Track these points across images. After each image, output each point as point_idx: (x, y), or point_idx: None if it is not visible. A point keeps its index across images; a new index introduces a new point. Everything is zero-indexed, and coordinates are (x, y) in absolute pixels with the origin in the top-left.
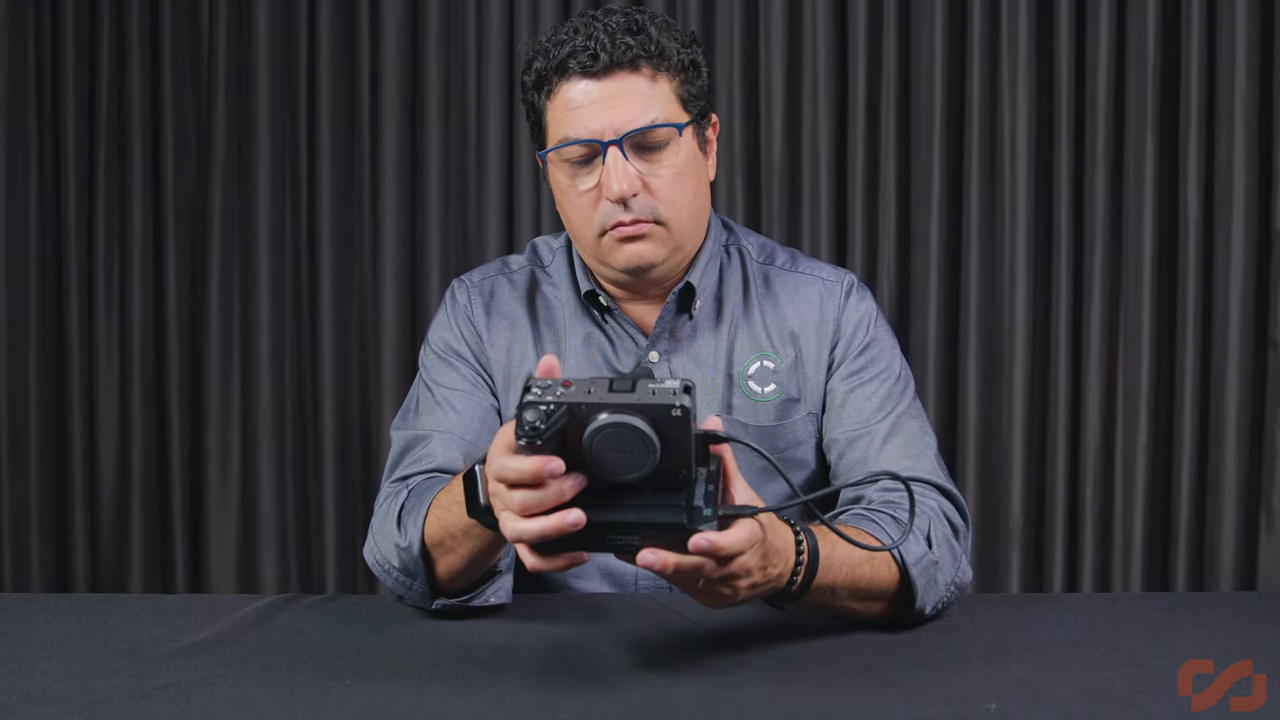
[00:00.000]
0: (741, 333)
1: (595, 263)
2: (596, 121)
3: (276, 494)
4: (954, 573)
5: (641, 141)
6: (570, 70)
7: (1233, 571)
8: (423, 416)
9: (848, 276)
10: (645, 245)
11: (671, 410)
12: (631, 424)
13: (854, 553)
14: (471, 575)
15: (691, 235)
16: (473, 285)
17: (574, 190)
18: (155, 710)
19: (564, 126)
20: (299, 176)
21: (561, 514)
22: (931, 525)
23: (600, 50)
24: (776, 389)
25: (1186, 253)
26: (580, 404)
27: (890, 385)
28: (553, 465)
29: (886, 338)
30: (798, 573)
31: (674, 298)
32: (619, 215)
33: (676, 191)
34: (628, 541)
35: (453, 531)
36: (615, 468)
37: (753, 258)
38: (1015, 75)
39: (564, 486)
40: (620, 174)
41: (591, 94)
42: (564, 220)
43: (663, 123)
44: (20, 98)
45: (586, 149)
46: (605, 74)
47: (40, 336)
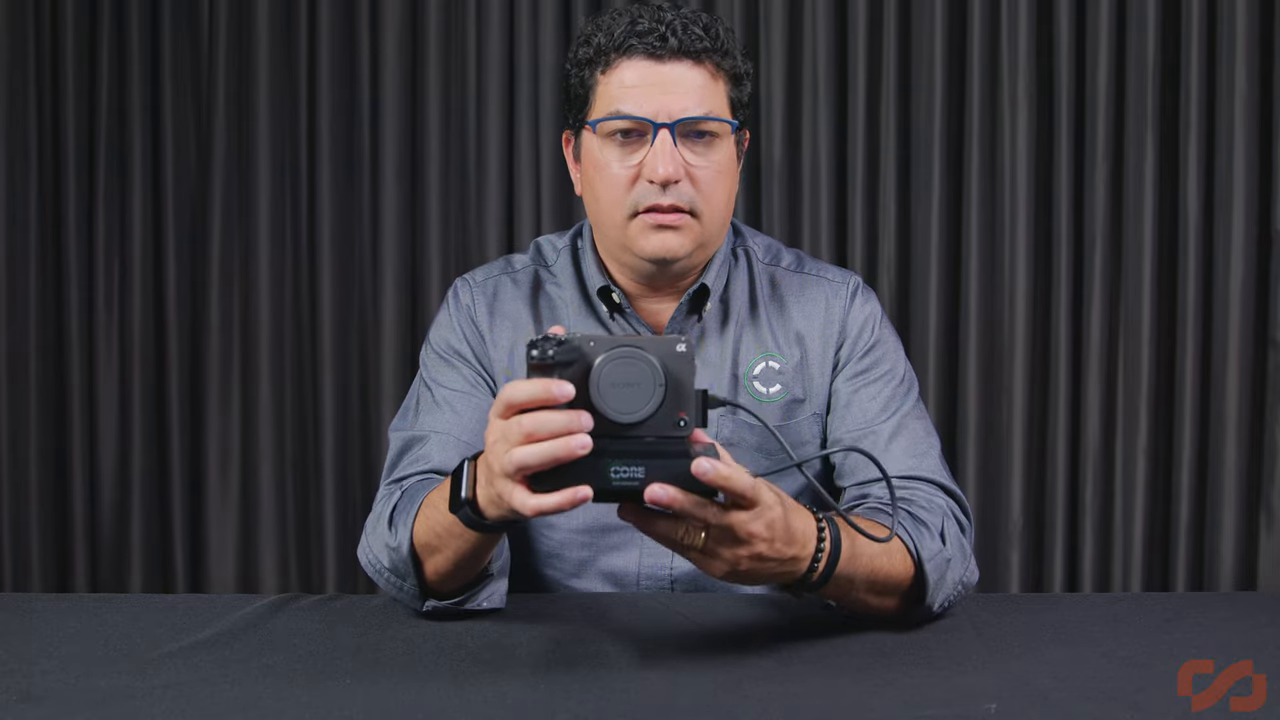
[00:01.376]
0: (747, 334)
1: (617, 248)
2: (652, 103)
3: (276, 494)
4: (963, 571)
5: (691, 131)
6: (634, 49)
7: (1233, 571)
8: (422, 417)
9: (853, 278)
10: (675, 236)
11: (676, 346)
12: (639, 353)
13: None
14: (461, 578)
15: (717, 235)
16: (476, 285)
17: (611, 166)
18: (155, 710)
19: (616, 101)
20: (299, 176)
21: (569, 437)
22: (945, 523)
23: (670, 34)
24: (782, 389)
25: (1186, 253)
26: (587, 339)
27: (894, 386)
28: (563, 387)
29: (891, 339)
30: (819, 559)
31: (688, 298)
32: (656, 198)
33: (715, 187)
34: (631, 475)
35: (439, 531)
36: (622, 403)
37: (759, 259)
38: (1015, 75)
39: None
40: (668, 157)
41: (651, 75)
42: (590, 200)
43: (715, 116)
44: (20, 98)
45: (633, 125)
46: (669, 59)
47: (40, 336)
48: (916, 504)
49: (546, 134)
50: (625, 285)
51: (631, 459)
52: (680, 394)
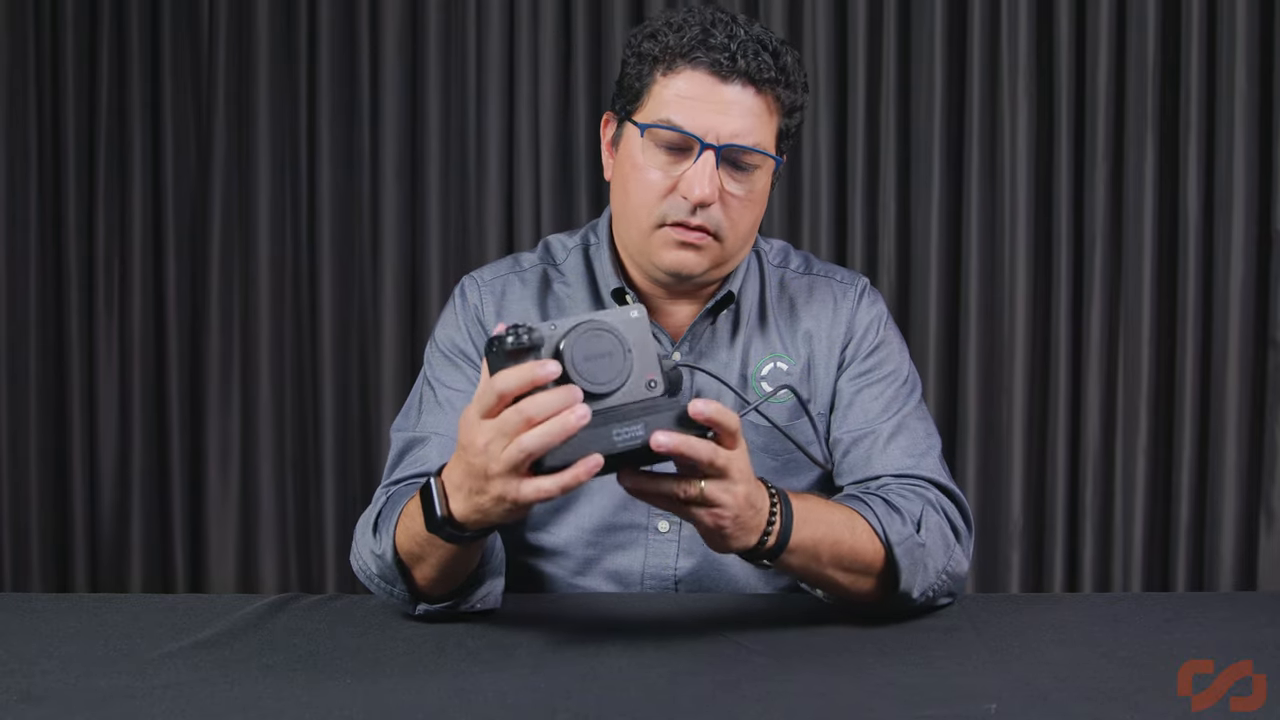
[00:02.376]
0: (756, 335)
1: (637, 252)
2: (705, 120)
3: (276, 494)
4: (945, 560)
5: (735, 158)
6: (700, 60)
7: (1233, 571)
8: (424, 417)
9: (861, 280)
10: (693, 255)
11: (630, 313)
12: (602, 324)
13: (832, 514)
14: (450, 582)
15: (737, 258)
16: (484, 283)
17: (649, 172)
18: (155, 710)
19: (669, 109)
20: (299, 176)
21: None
22: (924, 512)
23: (740, 57)
24: (787, 391)
25: (1186, 253)
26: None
27: (897, 387)
28: (549, 365)
29: (896, 340)
30: (773, 522)
31: (714, 304)
32: (685, 215)
33: (743, 215)
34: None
35: (420, 542)
36: (598, 374)
37: (769, 262)
38: (1015, 75)
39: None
40: (707, 180)
41: (710, 92)
42: (619, 197)
43: (763, 150)
44: (20, 98)
45: (681, 139)
46: (732, 80)
47: (40, 336)
48: (897, 494)
49: (546, 134)
50: (643, 285)
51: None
52: (645, 358)
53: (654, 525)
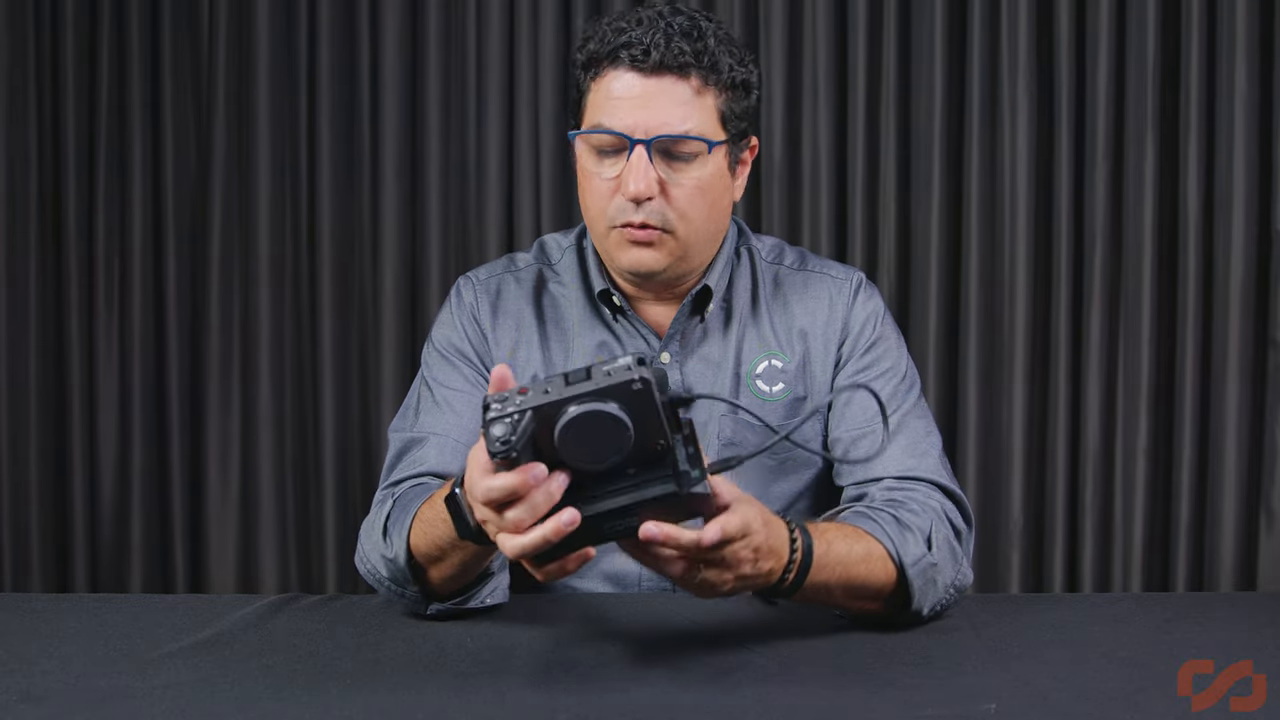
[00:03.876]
0: (750, 333)
1: (605, 258)
2: (631, 117)
3: (276, 494)
4: (954, 575)
5: (670, 148)
6: (620, 60)
7: (1233, 571)
8: (422, 417)
9: (856, 275)
10: (648, 253)
11: (632, 385)
12: (597, 409)
13: (850, 551)
14: (464, 580)
15: (702, 247)
16: (479, 283)
17: (595, 177)
18: (155, 710)
19: (600, 113)
20: (299, 176)
21: (556, 517)
22: (933, 527)
23: (654, 48)
24: (784, 388)
25: (1186, 253)
26: (543, 405)
27: (895, 384)
28: (535, 473)
29: (893, 336)
30: (790, 569)
31: (690, 300)
32: (630, 215)
33: (692, 204)
34: (627, 525)
35: (441, 545)
36: (594, 456)
37: (762, 258)
38: (1015, 75)
39: (551, 489)
40: (640, 174)
41: (634, 88)
42: (581, 206)
43: (695, 135)
44: (20, 97)
45: (615, 140)
46: (653, 73)
47: (40, 336)
48: (905, 507)
49: (546, 134)
50: (625, 289)
51: (627, 513)
52: (650, 425)
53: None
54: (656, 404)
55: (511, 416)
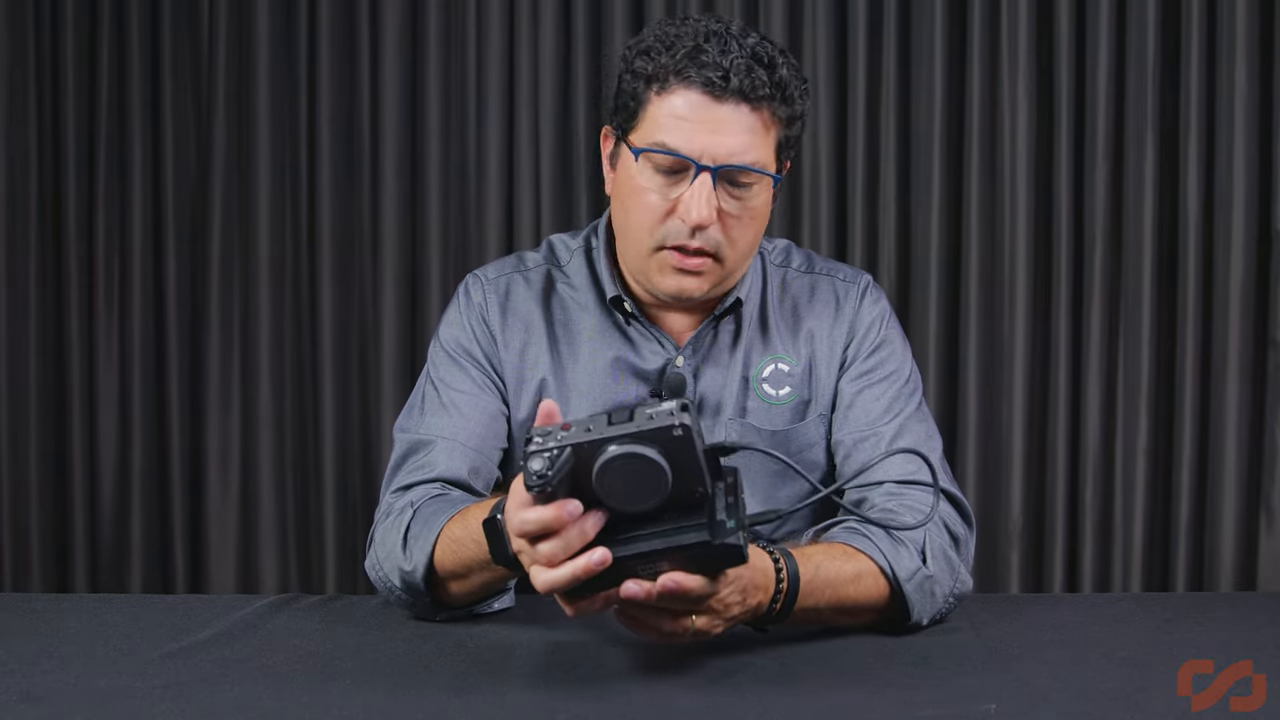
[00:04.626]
0: (757, 336)
1: (638, 272)
2: (698, 141)
3: (276, 494)
4: (951, 584)
5: (733, 178)
6: (693, 79)
7: (1233, 571)
8: (428, 418)
9: (864, 277)
10: (694, 280)
11: (672, 430)
12: (636, 452)
13: (839, 573)
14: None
15: (740, 271)
16: (488, 282)
17: (649, 195)
18: (155, 710)
19: (664, 130)
20: (299, 176)
21: (587, 555)
22: (928, 538)
23: (733, 74)
24: (791, 391)
25: (1186, 253)
26: (583, 443)
27: (899, 387)
28: (570, 508)
29: (898, 340)
30: (777, 599)
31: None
32: (684, 239)
33: (743, 233)
34: (657, 570)
35: (470, 565)
36: (630, 499)
37: (771, 261)
38: (1015, 75)
39: (585, 527)
40: (703, 202)
41: (705, 112)
42: (619, 216)
43: (760, 169)
44: (20, 97)
45: (676, 162)
46: (727, 98)
47: (40, 336)
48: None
49: (546, 134)
50: (642, 297)
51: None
52: (688, 471)
53: None
54: (697, 451)
55: (551, 452)
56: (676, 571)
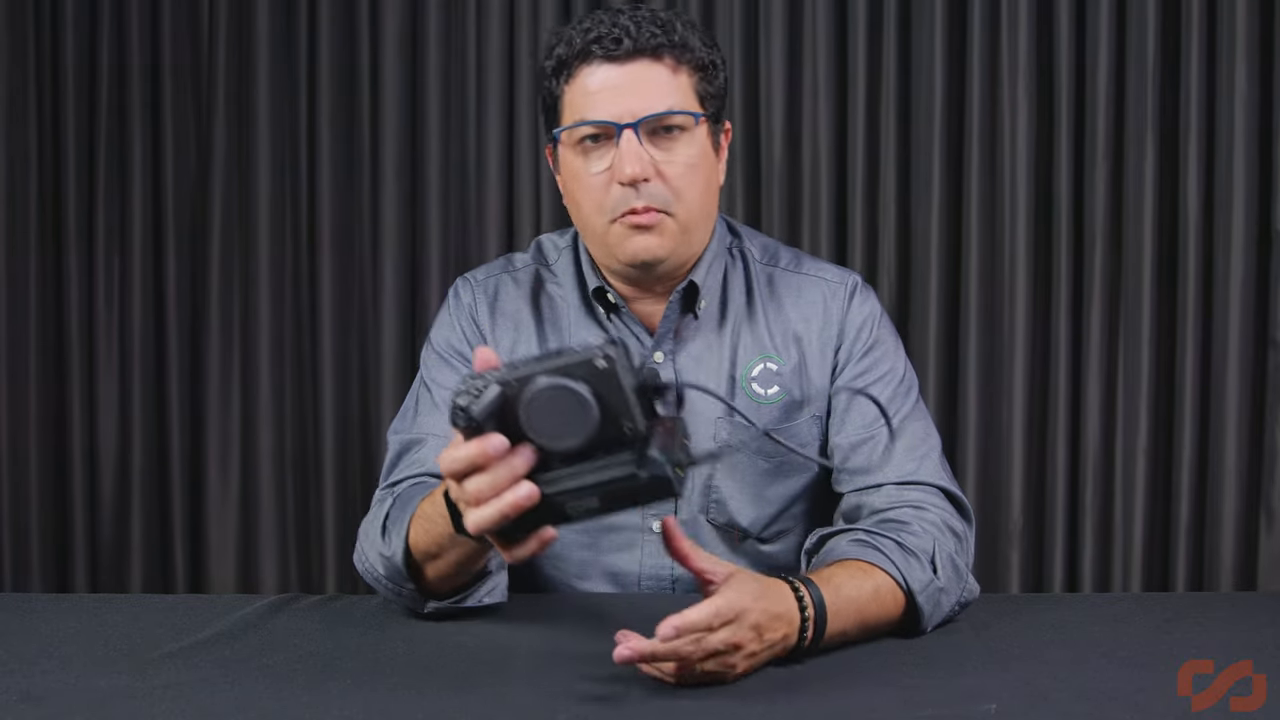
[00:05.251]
0: (745, 335)
1: (602, 253)
2: (614, 106)
3: (276, 494)
4: (959, 593)
5: (657, 127)
6: (593, 55)
7: (1233, 571)
8: (420, 418)
9: (852, 277)
10: (653, 238)
11: (595, 363)
12: (560, 384)
13: (860, 590)
14: (461, 578)
15: (699, 230)
16: (477, 283)
17: (586, 173)
18: (155, 710)
19: (581, 109)
20: (299, 176)
21: (514, 490)
22: (936, 547)
23: (625, 36)
24: (780, 390)
25: (1186, 253)
26: (509, 379)
27: (894, 387)
28: (494, 443)
29: (890, 339)
30: (806, 629)
31: (678, 296)
32: (631, 200)
33: (688, 181)
34: (587, 507)
35: (440, 541)
36: (557, 434)
37: (756, 259)
38: (1015, 75)
39: (514, 463)
40: (634, 156)
41: (611, 79)
42: (572, 209)
43: (680, 110)
44: (20, 97)
45: (600, 130)
46: (627, 59)
47: (40, 336)
48: (908, 529)
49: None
50: (618, 287)
51: (586, 491)
52: (616, 406)
53: (649, 525)
54: (622, 385)
55: (475, 389)
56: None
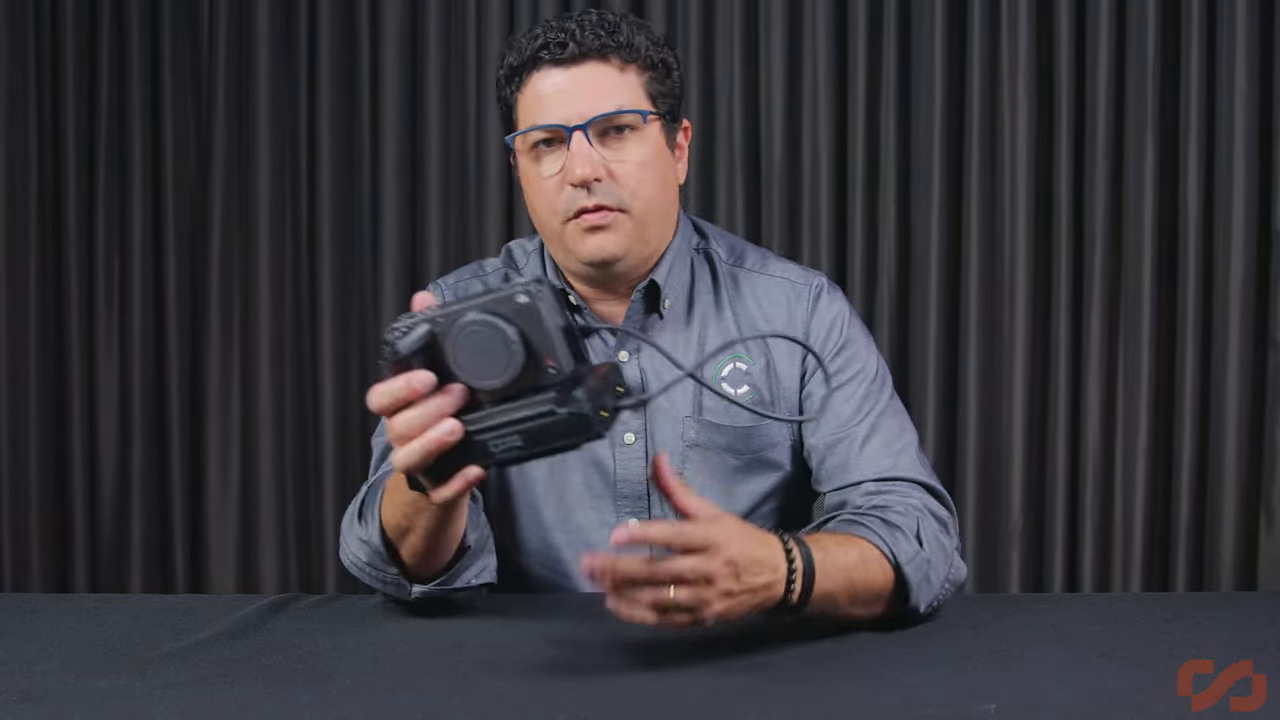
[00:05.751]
0: (713, 334)
1: (561, 254)
2: (563, 109)
3: (276, 494)
4: (947, 569)
5: (607, 127)
6: (541, 61)
7: (1233, 571)
8: None
9: (816, 279)
10: (608, 237)
11: (516, 298)
12: (484, 320)
13: (846, 556)
14: (440, 554)
15: (656, 229)
16: (447, 287)
17: (539, 177)
18: (155, 710)
19: (532, 115)
20: (299, 176)
21: (439, 426)
22: (920, 524)
23: (570, 39)
24: (750, 390)
25: (1186, 253)
26: (436, 316)
27: (867, 385)
28: (419, 377)
29: (861, 337)
30: (793, 581)
31: (639, 295)
32: (582, 200)
33: (641, 179)
34: (510, 445)
35: (406, 511)
36: (482, 371)
37: (722, 260)
38: (1015, 75)
39: (440, 401)
40: (583, 158)
41: (560, 83)
42: (531, 212)
43: (627, 109)
44: (20, 97)
45: (551, 134)
46: (574, 63)
47: (40, 336)
48: (890, 509)
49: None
50: (580, 289)
51: (508, 428)
52: (540, 346)
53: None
54: (545, 324)
55: (405, 326)
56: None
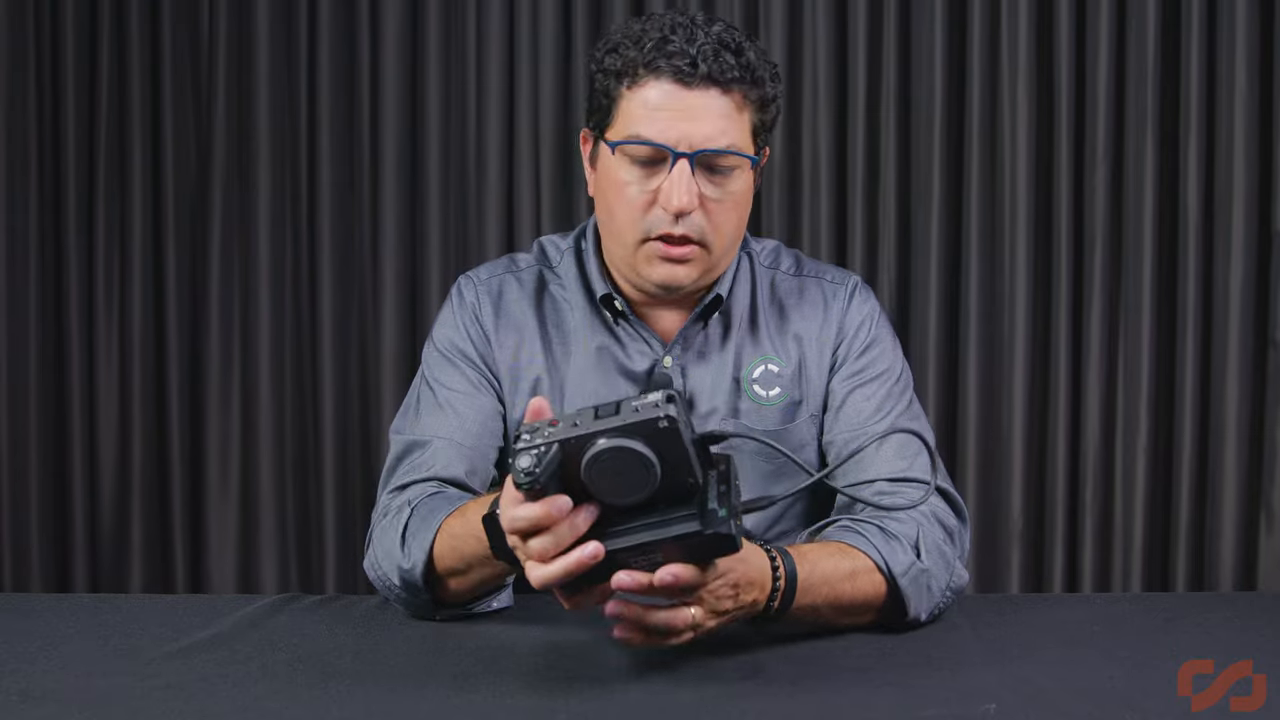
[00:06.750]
0: (747, 337)
1: (625, 266)
2: (674, 130)
3: (276, 494)
4: (947, 578)
5: (711, 163)
6: (662, 70)
7: (1233, 571)
8: (423, 418)
9: (852, 279)
10: (681, 269)
11: (658, 423)
12: (623, 445)
13: (836, 569)
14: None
15: (725, 260)
16: (480, 283)
17: (630, 188)
18: (155, 710)
19: (638, 123)
20: (299, 176)
21: (580, 549)
22: (921, 532)
23: (701, 60)
24: (781, 392)
25: (1186, 253)
26: (569, 439)
27: (890, 386)
28: (559, 505)
29: (888, 339)
30: (774, 597)
31: (702, 309)
32: (668, 226)
33: (726, 218)
34: (651, 561)
35: (469, 560)
36: (619, 492)
37: (761, 264)
38: (1015, 75)
39: (576, 521)
40: (685, 188)
41: (677, 100)
42: (603, 213)
43: (737, 151)
44: (20, 97)
45: (654, 152)
46: (697, 85)
47: (40, 336)
48: (891, 516)
49: (546, 134)
50: (630, 293)
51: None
52: (677, 462)
53: None
54: (684, 442)
55: (538, 449)
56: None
